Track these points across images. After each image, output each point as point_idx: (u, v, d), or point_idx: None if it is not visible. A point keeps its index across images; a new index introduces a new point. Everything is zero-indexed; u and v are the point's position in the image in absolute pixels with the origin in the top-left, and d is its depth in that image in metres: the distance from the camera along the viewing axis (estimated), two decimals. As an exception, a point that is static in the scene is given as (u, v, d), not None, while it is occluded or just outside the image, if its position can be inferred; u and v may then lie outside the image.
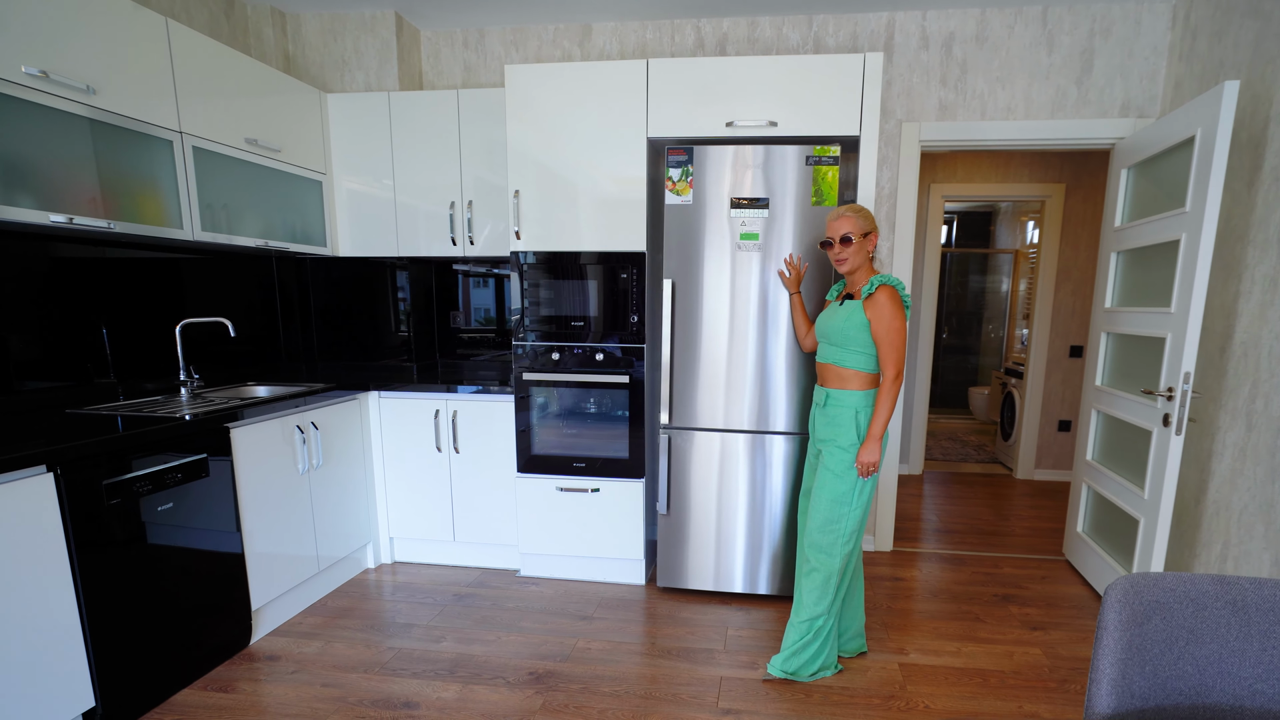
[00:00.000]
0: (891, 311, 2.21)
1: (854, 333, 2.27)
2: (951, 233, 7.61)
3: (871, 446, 2.25)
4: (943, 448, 6.09)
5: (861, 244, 2.28)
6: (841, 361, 2.32)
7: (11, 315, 2.30)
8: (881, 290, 2.23)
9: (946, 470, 5.33)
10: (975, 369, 7.68)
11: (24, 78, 1.97)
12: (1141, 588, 1.22)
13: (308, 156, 3.19)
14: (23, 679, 1.75)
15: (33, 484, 1.77)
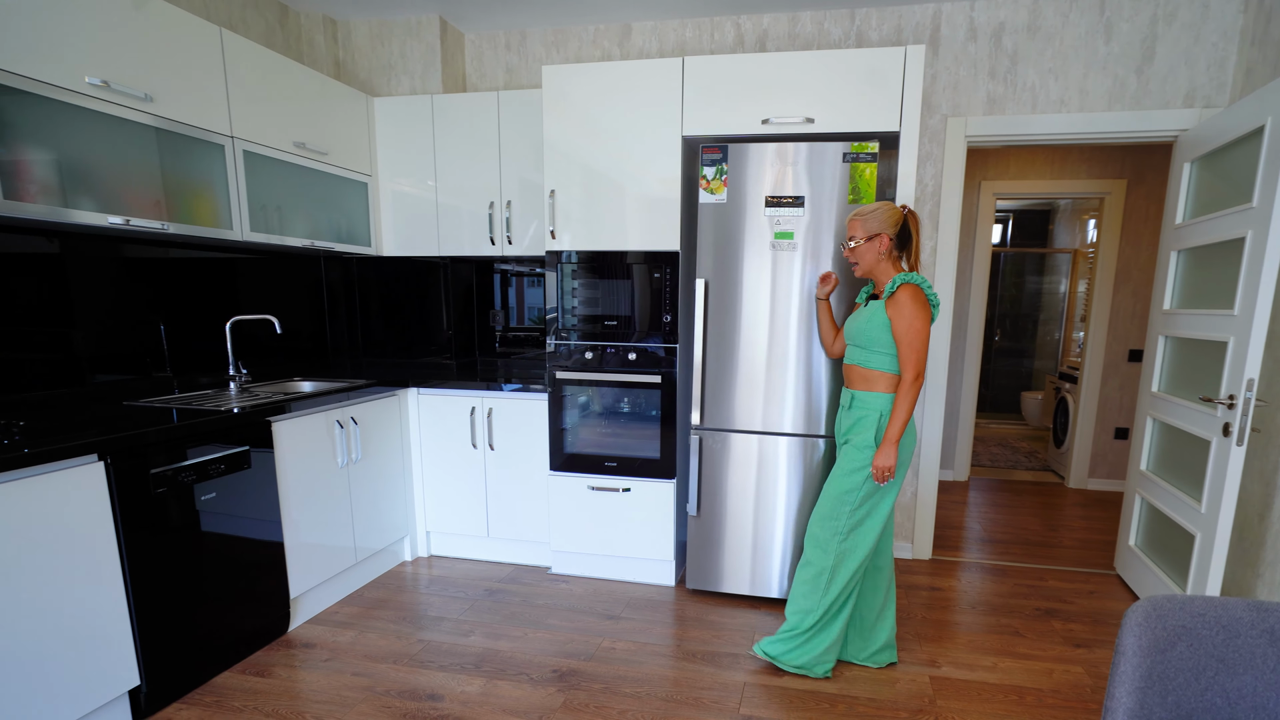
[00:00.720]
0: (912, 311, 2.16)
1: (876, 333, 2.24)
2: (1006, 232, 7.34)
3: (887, 450, 2.20)
4: (991, 454, 5.89)
5: (869, 245, 2.26)
6: (866, 363, 2.29)
7: (85, 312, 2.45)
8: (903, 289, 2.18)
9: (994, 477, 5.15)
10: (1029, 373, 7.39)
11: (87, 87, 2.08)
12: (1166, 611, 1.15)
13: (354, 159, 3.29)
14: (74, 656, 1.85)
15: (84, 472, 1.87)
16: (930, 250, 3.28)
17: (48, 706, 1.80)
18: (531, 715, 2.12)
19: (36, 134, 1.96)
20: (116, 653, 1.97)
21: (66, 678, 1.84)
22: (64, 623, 1.83)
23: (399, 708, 2.15)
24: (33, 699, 1.76)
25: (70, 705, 1.86)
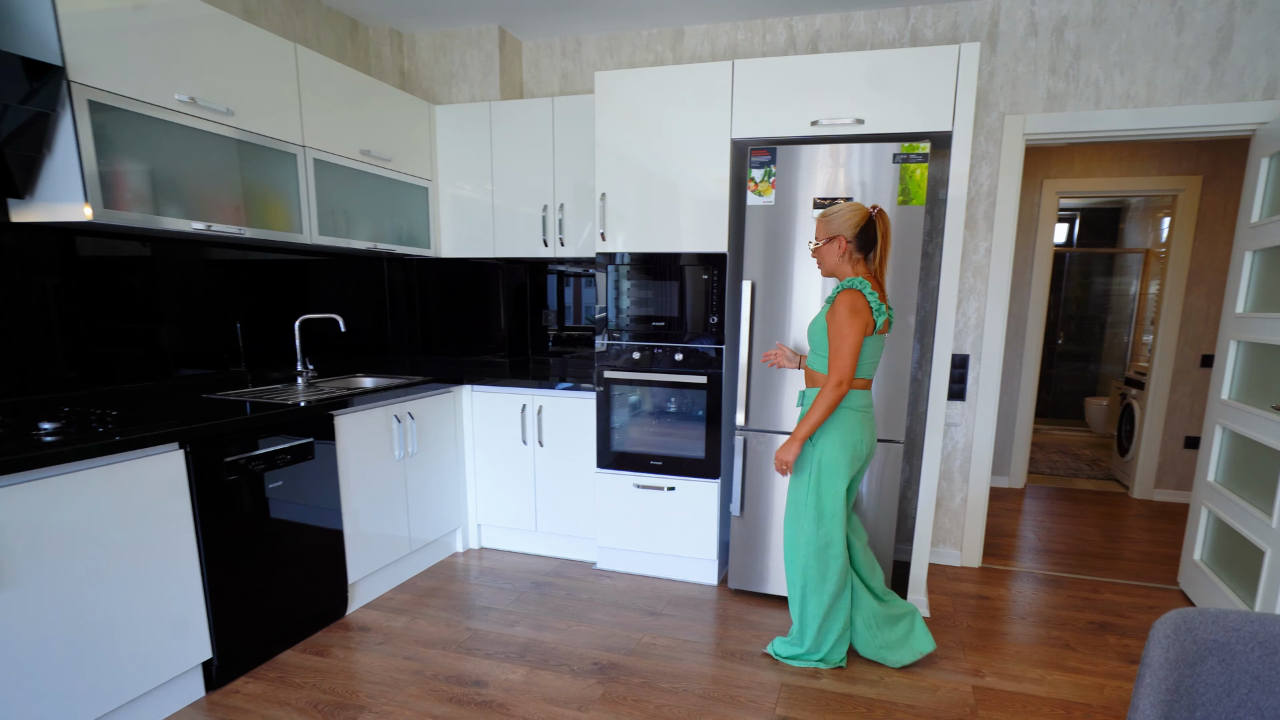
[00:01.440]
0: (843, 316, 2.18)
1: (819, 337, 2.30)
2: (1072, 231, 7.05)
3: (790, 445, 2.28)
4: (1051, 461, 5.68)
5: (829, 247, 2.28)
6: (815, 366, 2.34)
7: (171, 311, 2.65)
8: (841, 295, 2.20)
9: (1053, 485, 4.97)
10: (1094, 378, 7.08)
11: (176, 104, 2.24)
12: (1197, 625, 1.13)
13: (416, 165, 3.43)
14: (156, 627, 2.02)
15: (167, 459, 2.03)
16: (984, 252, 3.21)
17: (133, 672, 1.96)
18: (571, 705, 2.19)
19: (132, 148, 2.13)
20: (192, 626, 2.14)
21: (150, 646, 2.01)
22: (148, 596, 1.99)
23: (445, 692, 2.26)
24: (121, 664, 1.93)
25: (152, 672, 2.02)
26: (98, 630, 1.87)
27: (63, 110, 1.94)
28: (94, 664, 1.86)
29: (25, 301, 2.19)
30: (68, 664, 1.80)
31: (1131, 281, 6.74)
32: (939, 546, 3.44)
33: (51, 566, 1.74)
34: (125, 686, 1.95)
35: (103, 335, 2.42)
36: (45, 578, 1.73)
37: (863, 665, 2.44)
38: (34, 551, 1.70)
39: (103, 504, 1.86)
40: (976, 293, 3.25)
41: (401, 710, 2.15)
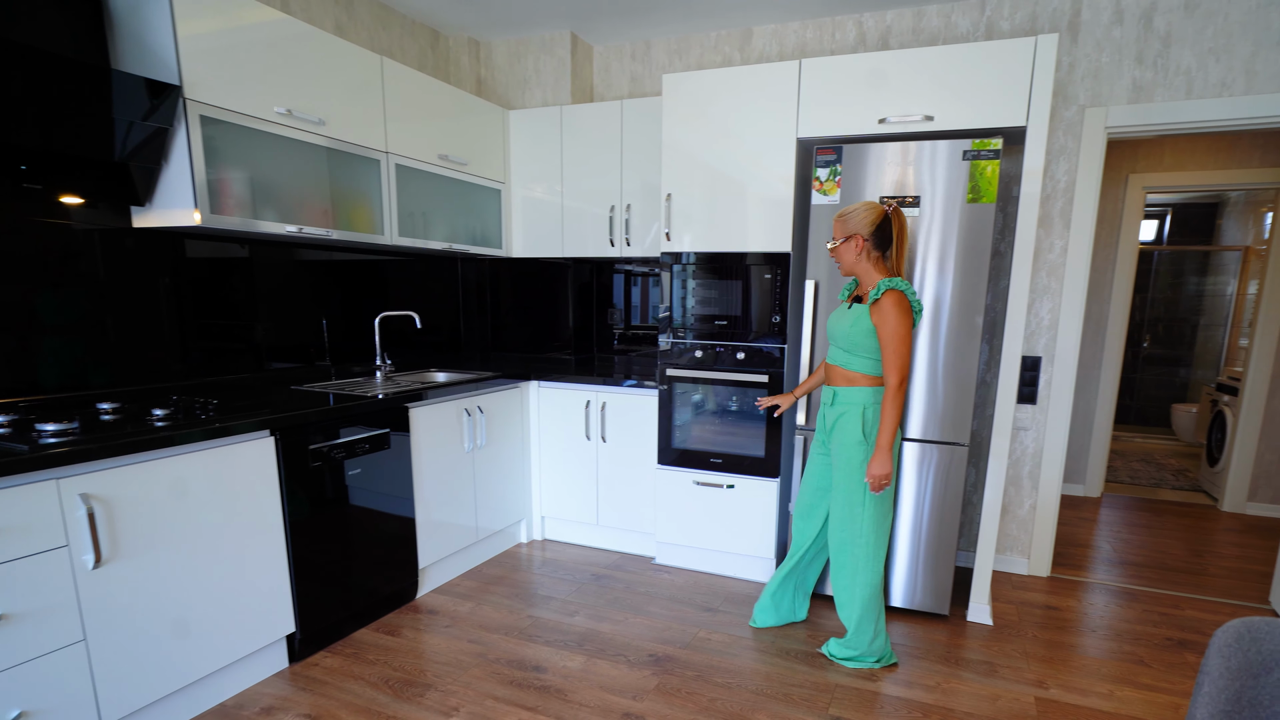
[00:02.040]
0: (896, 318, 2.22)
1: (861, 338, 2.32)
2: (1162, 228, 6.66)
3: (881, 458, 2.26)
4: (1132, 470, 5.40)
5: (846, 246, 2.32)
6: (849, 365, 2.37)
7: (265, 308, 2.86)
8: (887, 295, 2.24)
9: (1133, 495, 4.74)
10: (1183, 383, 6.67)
11: (274, 115, 2.42)
12: (1262, 635, 1.09)
13: (490, 168, 3.57)
14: (246, 601, 2.19)
15: (259, 445, 2.20)
16: (1060, 250, 3.10)
17: (226, 640, 2.14)
18: (626, 694, 2.26)
19: (235, 157, 2.31)
20: (278, 601, 2.31)
21: (241, 618, 2.18)
22: (240, 571, 2.17)
23: (507, 675, 2.36)
24: (217, 633, 2.11)
25: (243, 641, 2.20)
26: (197, 600, 2.05)
27: (178, 125, 2.14)
28: (194, 631, 2.04)
29: (143, 299, 2.41)
30: (171, 630, 1.98)
31: (1228, 281, 6.32)
32: (1005, 554, 3.35)
33: (158, 540, 1.93)
34: (220, 653, 2.13)
35: (205, 330, 2.63)
36: (153, 550, 1.92)
37: (921, 670, 2.41)
38: (144, 526, 1.89)
39: (203, 484, 2.04)
40: (1050, 293, 3.14)
41: (465, 690, 2.26)
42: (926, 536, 2.74)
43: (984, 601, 2.80)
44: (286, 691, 2.25)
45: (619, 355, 3.97)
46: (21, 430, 1.83)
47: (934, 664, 2.47)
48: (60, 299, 2.19)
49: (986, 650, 2.58)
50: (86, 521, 1.74)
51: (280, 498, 2.28)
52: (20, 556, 1.63)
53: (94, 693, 1.81)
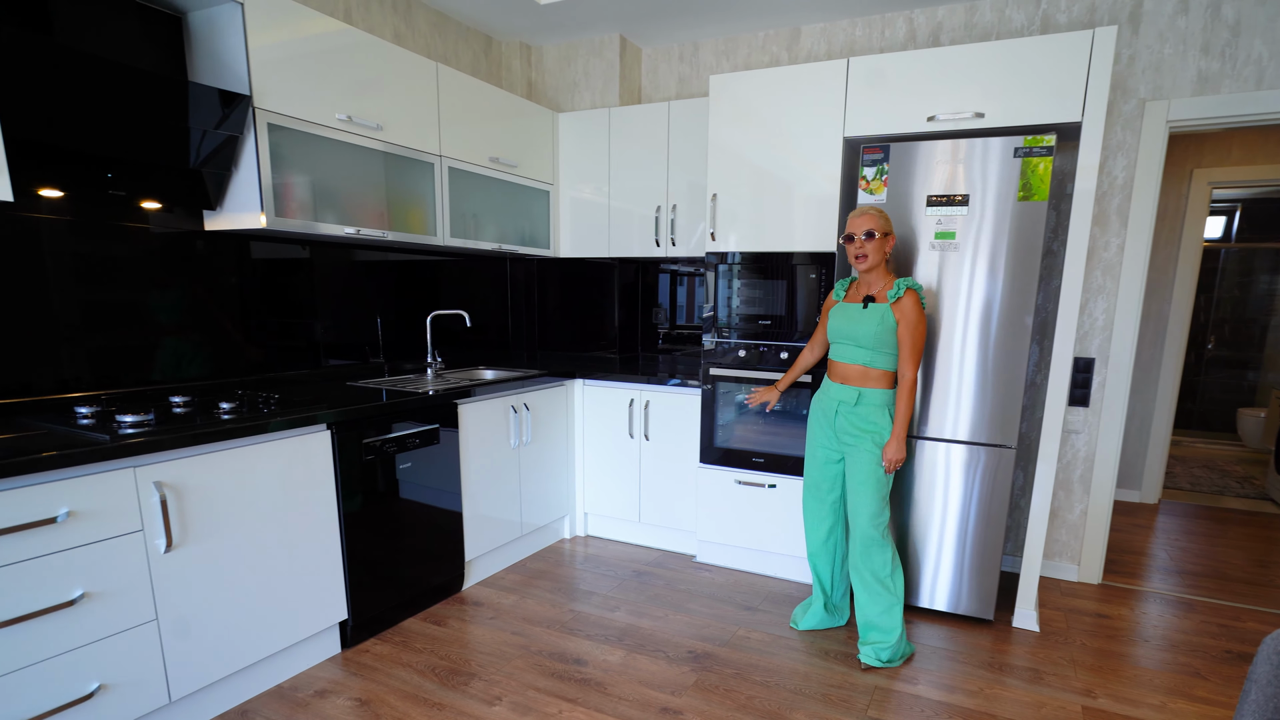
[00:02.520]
0: (917, 317, 2.37)
1: (886, 335, 2.41)
2: (1230, 225, 6.35)
3: (898, 444, 2.41)
4: (1193, 476, 5.19)
5: (881, 243, 2.40)
6: (873, 363, 2.45)
7: (323, 307, 2.98)
8: (909, 295, 2.38)
9: (1193, 502, 4.55)
10: (1250, 387, 6.36)
11: (335, 122, 2.53)
12: (1311, 654, 1.06)
13: (539, 170, 3.64)
14: (302, 588, 2.30)
15: (316, 438, 2.31)
16: (1116, 249, 3.01)
17: (284, 624, 2.25)
18: (665, 689, 2.29)
19: (298, 162, 2.43)
20: (332, 589, 2.41)
21: (297, 603, 2.29)
22: (297, 559, 2.27)
23: (548, 667, 2.42)
24: (275, 617, 2.22)
25: (299, 626, 2.31)
26: (257, 585, 2.16)
27: (248, 133, 2.26)
28: (255, 614, 2.16)
29: (211, 298, 2.55)
30: (235, 612, 2.09)
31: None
32: (1054, 559, 3.27)
33: (223, 527, 2.04)
34: (277, 637, 2.24)
35: (267, 328, 2.76)
36: (218, 536, 2.03)
37: (963, 675, 2.38)
38: (209, 513, 2.00)
39: (264, 475, 2.14)
40: (1106, 292, 3.05)
41: (508, 680, 2.33)
42: (972, 540, 2.71)
43: (1030, 607, 2.74)
44: (339, 676, 2.35)
45: (663, 354, 4.00)
46: (103, 421, 1.96)
47: (976, 669, 2.44)
48: (138, 298, 2.33)
49: (1032, 657, 2.53)
50: (159, 507, 1.85)
51: (335, 489, 2.38)
52: (101, 539, 1.75)
53: (164, 670, 1.93)
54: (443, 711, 2.15)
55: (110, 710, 1.82)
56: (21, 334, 2.06)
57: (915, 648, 2.58)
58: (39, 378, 2.11)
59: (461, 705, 2.19)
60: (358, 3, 3.04)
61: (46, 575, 1.66)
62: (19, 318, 2.05)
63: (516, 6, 3.38)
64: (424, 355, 3.48)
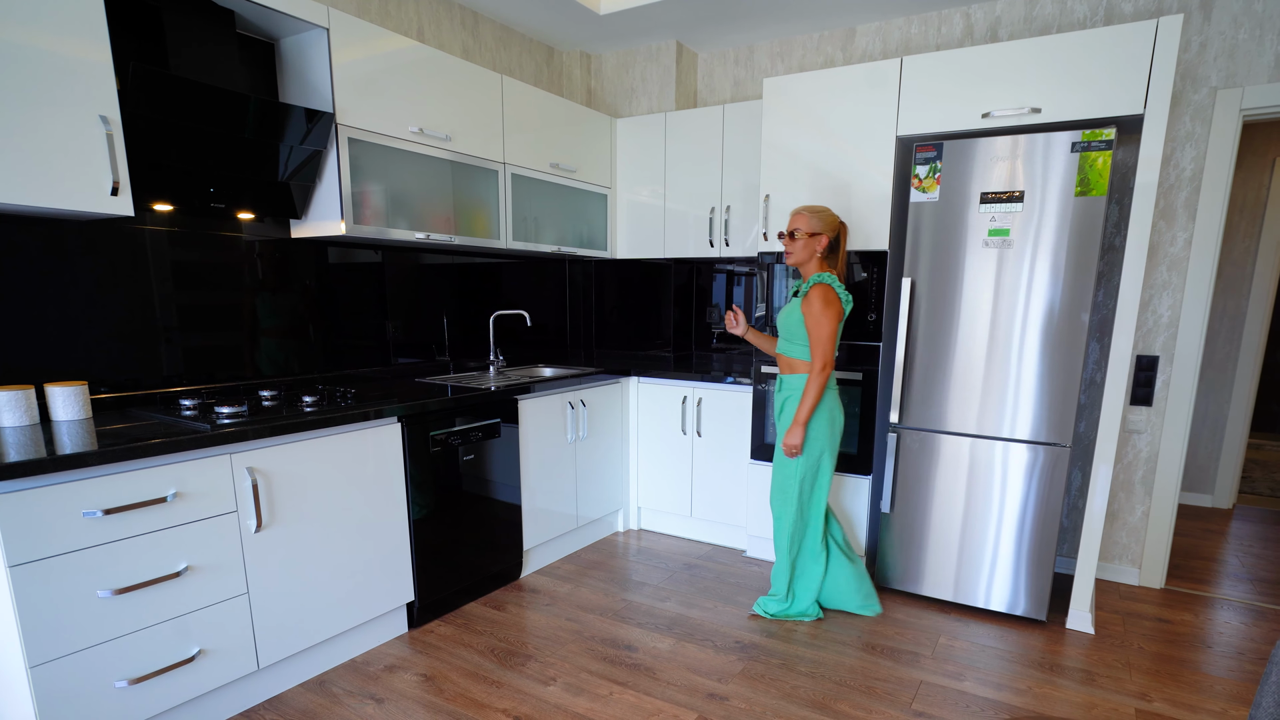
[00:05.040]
0: (819, 308, 2.52)
1: (796, 327, 2.63)
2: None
3: (795, 430, 2.60)
4: (1274, 482, 4.94)
5: (808, 242, 2.60)
6: (789, 352, 2.69)
7: (394, 308, 3.17)
8: (814, 289, 2.55)
9: (1272, 509, 4.34)
10: None
11: (408, 134, 2.71)
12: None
13: (597, 174, 3.77)
14: (373, 569, 2.47)
15: (388, 430, 2.48)
16: (1183, 243, 2.92)
17: (357, 603, 2.43)
18: (712, 676, 2.38)
19: (374, 173, 2.61)
20: (400, 572, 2.58)
21: (369, 584, 2.47)
22: (369, 543, 2.45)
23: (600, 652, 2.54)
24: (349, 596, 2.40)
25: (371, 605, 2.48)
26: (334, 566, 2.34)
27: (331, 147, 2.45)
28: (331, 592, 2.34)
29: (294, 301, 2.76)
30: (314, 590, 2.28)
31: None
32: (1111, 562, 3.20)
33: (305, 511, 2.23)
34: (351, 614, 2.41)
35: (341, 328, 2.96)
36: (301, 520, 2.22)
37: (1013, 673, 2.38)
38: (293, 498, 2.19)
39: (341, 463, 2.32)
40: (1171, 288, 2.97)
41: (562, 663, 2.46)
42: (1028, 540, 2.69)
43: (1085, 609, 2.71)
44: (406, 653, 2.52)
45: (716, 353, 4.07)
46: (203, 412, 2.17)
47: (1027, 668, 2.44)
48: (231, 301, 2.55)
49: (1085, 658, 2.51)
50: (251, 491, 2.05)
51: (404, 478, 2.55)
52: (202, 518, 1.95)
53: (254, 640, 2.12)
54: (501, 689, 2.29)
55: (208, 673, 2.02)
56: (133, 334, 2.30)
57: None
58: (147, 374, 2.34)
59: (519, 684, 2.32)
60: (429, 21, 3.22)
61: (158, 549, 1.87)
62: (132, 320, 2.29)
63: (577, 17, 3.51)
64: (486, 353, 3.65)
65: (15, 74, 1.72)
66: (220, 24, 2.23)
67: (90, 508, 1.72)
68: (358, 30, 2.48)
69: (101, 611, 1.77)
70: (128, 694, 1.84)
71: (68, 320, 2.14)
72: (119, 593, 1.78)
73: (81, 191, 1.86)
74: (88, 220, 2.13)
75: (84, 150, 1.86)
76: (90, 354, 2.20)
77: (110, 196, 1.91)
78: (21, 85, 1.74)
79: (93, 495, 1.73)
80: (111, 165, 1.90)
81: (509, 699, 2.24)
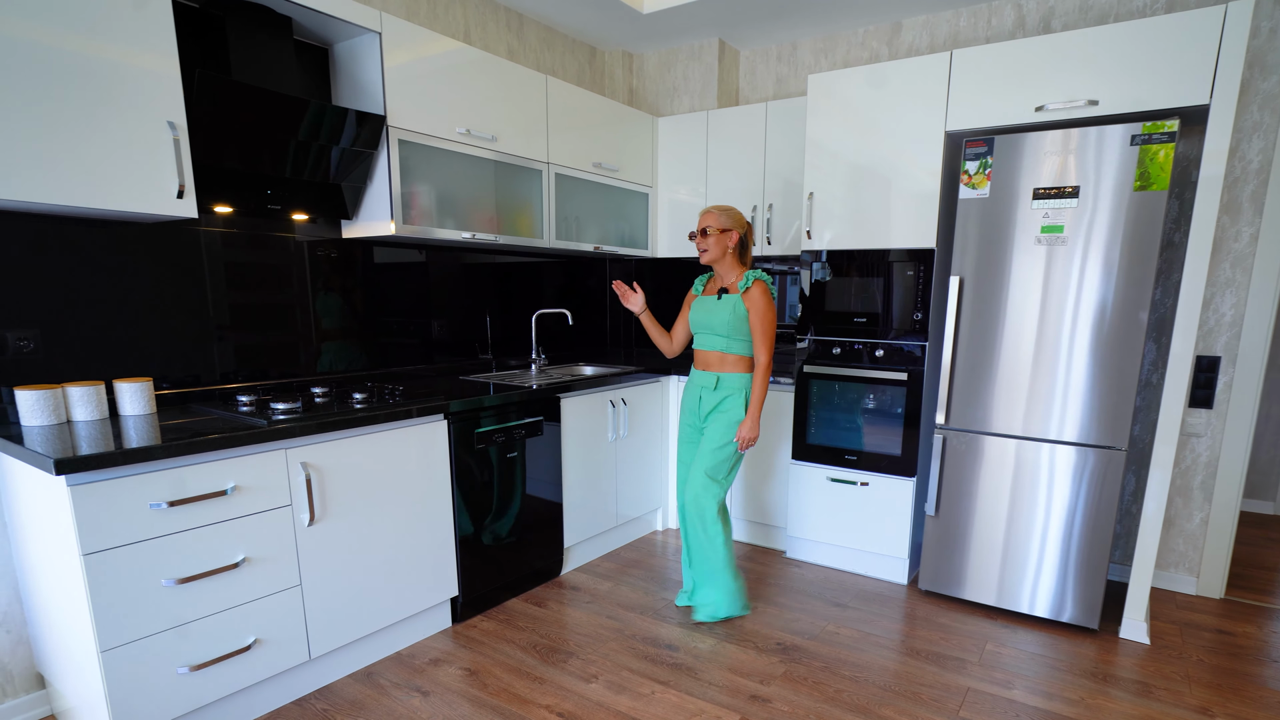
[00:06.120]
0: (765, 305, 2.57)
1: (739, 324, 2.61)
2: None
3: (752, 423, 2.61)
4: None
5: (720, 238, 2.60)
6: (728, 349, 2.66)
7: (437, 307, 3.22)
8: (756, 285, 2.59)
9: (1347, 519, 4.14)
10: None
11: (456, 135, 2.75)
12: None
13: (639, 173, 3.78)
14: (420, 563, 2.52)
15: (435, 427, 2.52)
16: (1248, 239, 2.80)
17: (404, 596, 2.48)
18: (754, 678, 2.37)
19: (422, 174, 2.65)
20: (446, 567, 2.62)
21: (416, 578, 2.51)
22: (416, 537, 2.49)
23: (641, 650, 2.55)
24: (396, 589, 2.44)
25: (417, 599, 2.53)
26: (382, 559, 2.39)
27: (382, 149, 2.50)
28: (379, 586, 2.39)
29: (342, 300, 2.82)
30: (362, 583, 2.33)
31: None
32: (1168, 570, 3.10)
33: (355, 505, 2.28)
34: (397, 608, 2.46)
35: (386, 327, 3.02)
36: (351, 514, 2.27)
37: (1063, 683, 2.33)
38: (344, 492, 2.24)
39: (389, 459, 2.37)
40: (1235, 286, 2.86)
41: (603, 661, 2.47)
42: (1077, 545, 2.63)
43: (1140, 618, 2.63)
44: (450, 647, 2.56)
45: (757, 353, 4.04)
46: (260, 408, 2.23)
47: (1078, 678, 2.38)
48: (284, 301, 2.63)
49: (1140, 669, 2.44)
50: (305, 485, 2.10)
51: (450, 474, 2.59)
52: (258, 511, 2.01)
53: (306, 631, 2.18)
54: (544, 685, 2.32)
55: (263, 662, 2.08)
56: (193, 332, 2.38)
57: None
58: (205, 370, 2.43)
59: (561, 681, 2.34)
60: (475, 23, 3.26)
61: (218, 540, 1.93)
62: (192, 318, 2.37)
63: (621, 16, 3.52)
64: (527, 352, 3.69)
65: (89, 83, 1.80)
66: (279, 31, 2.30)
67: (156, 499, 1.79)
68: (408, 34, 2.53)
69: (165, 600, 1.84)
70: (189, 680, 1.91)
71: (133, 318, 2.23)
72: (181, 582, 1.85)
73: (149, 194, 1.94)
74: (153, 222, 2.22)
75: (152, 154, 1.93)
76: (153, 351, 2.29)
77: (176, 199, 1.98)
78: (94, 94, 1.81)
79: (159, 487, 1.80)
80: (178, 168, 1.97)
81: (551, 695, 2.26)
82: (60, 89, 1.75)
